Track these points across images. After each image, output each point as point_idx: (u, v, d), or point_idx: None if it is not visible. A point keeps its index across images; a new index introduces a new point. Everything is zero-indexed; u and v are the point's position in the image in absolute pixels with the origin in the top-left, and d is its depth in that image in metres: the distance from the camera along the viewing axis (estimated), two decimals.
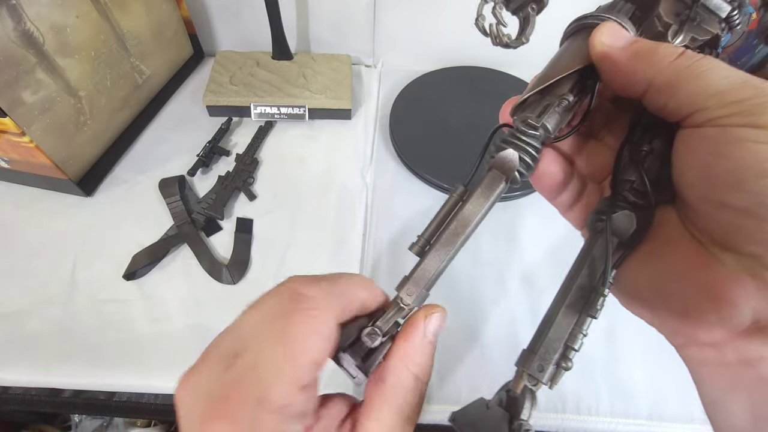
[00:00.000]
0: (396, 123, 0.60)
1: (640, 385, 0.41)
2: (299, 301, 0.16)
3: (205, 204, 0.51)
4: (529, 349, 0.18)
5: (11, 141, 0.43)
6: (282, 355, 0.15)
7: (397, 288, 0.19)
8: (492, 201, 0.19)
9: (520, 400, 0.17)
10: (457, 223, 0.18)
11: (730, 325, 0.15)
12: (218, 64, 0.63)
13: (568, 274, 0.19)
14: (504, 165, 0.18)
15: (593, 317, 0.17)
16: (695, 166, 0.15)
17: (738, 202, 0.14)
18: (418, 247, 0.19)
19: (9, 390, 0.40)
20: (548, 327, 0.18)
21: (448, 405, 0.40)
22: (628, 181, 0.18)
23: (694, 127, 0.15)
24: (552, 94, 0.18)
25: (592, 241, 0.19)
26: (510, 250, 0.50)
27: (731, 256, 0.15)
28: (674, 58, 0.16)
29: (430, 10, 0.65)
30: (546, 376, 0.17)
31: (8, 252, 0.46)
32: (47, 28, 0.42)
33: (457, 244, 0.18)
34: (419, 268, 0.19)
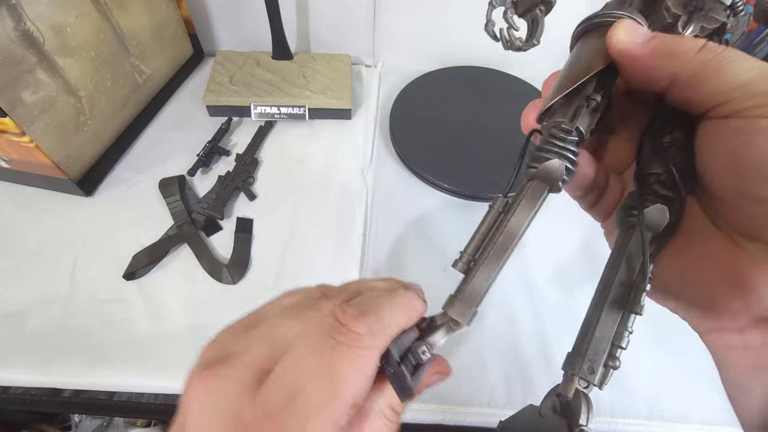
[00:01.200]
0: (396, 123, 0.60)
1: (640, 385, 0.41)
2: (347, 337, 0.16)
3: (205, 204, 0.51)
4: (575, 351, 0.17)
5: (11, 141, 0.43)
6: (328, 394, 0.15)
7: (444, 307, 0.18)
8: (536, 211, 0.18)
9: (574, 405, 0.17)
10: (504, 236, 0.18)
11: (755, 311, 0.15)
12: (218, 64, 0.63)
13: (604, 272, 0.18)
14: (549, 175, 0.18)
15: (637, 313, 0.17)
16: (721, 157, 0.15)
17: (764, 193, 0.14)
18: (462, 263, 0.19)
19: (9, 390, 0.40)
20: (593, 327, 0.17)
21: (447, 405, 0.40)
22: (654, 174, 0.18)
23: (720, 119, 0.15)
24: (579, 97, 0.18)
25: (625, 237, 0.18)
26: (513, 257, 0.49)
27: (757, 246, 0.15)
28: (696, 51, 0.15)
29: (430, 10, 0.65)
30: (597, 377, 0.17)
31: (8, 252, 0.46)
32: (47, 28, 0.42)
33: (504, 259, 0.18)
34: (468, 286, 0.18)
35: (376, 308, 0.17)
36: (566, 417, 0.17)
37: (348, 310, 0.17)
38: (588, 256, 0.49)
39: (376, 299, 0.18)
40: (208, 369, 0.16)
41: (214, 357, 0.16)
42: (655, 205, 0.18)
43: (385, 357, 0.17)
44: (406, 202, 0.54)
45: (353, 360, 0.15)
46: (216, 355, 0.16)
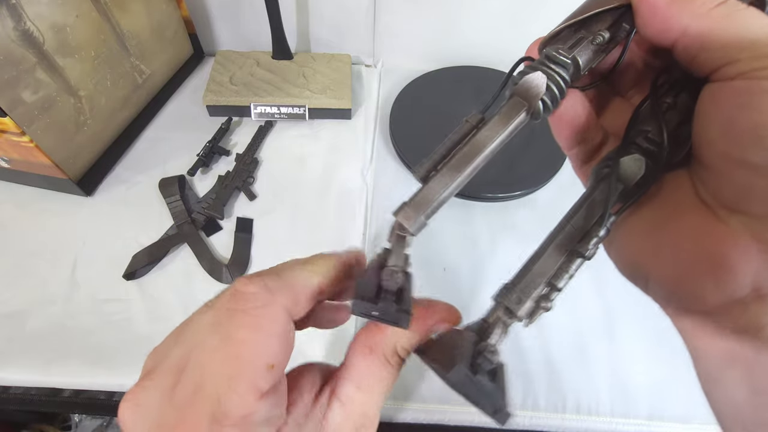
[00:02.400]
0: (396, 123, 0.60)
1: (640, 385, 0.41)
2: (241, 301, 0.15)
3: (205, 204, 0.51)
4: (511, 283, 0.17)
5: (11, 140, 0.43)
6: (230, 365, 0.14)
7: (394, 213, 0.17)
8: (510, 130, 0.17)
9: (490, 328, 0.17)
10: (469, 148, 0.17)
11: (727, 291, 0.14)
12: (218, 64, 0.63)
13: (564, 216, 0.18)
14: (529, 90, 0.17)
15: (583, 257, 0.16)
16: (718, 121, 0.15)
17: (756, 159, 0.13)
18: (423, 170, 0.17)
19: (9, 390, 0.40)
20: (534, 261, 0.17)
21: (448, 405, 0.40)
22: (644, 131, 0.17)
23: (724, 81, 0.14)
24: (587, 29, 0.17)
25: (594, 187, 0.18)
26: (509, 251, 0.50)
27: (739, 218, 0.14)
28: (714, 5, 0.15)
29: (430, 10, 0.65)
30: (522, 309, 0.16)
31: (8, 252, 0.46)
32: (47, 28, 0.42)
33: (466, 171, 0.17)
34: (421, 193, 0.17)
35: (275, 270, 0.17)
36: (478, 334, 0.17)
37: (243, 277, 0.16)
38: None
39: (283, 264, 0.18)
40: (137, 384, 0.16)
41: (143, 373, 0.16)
42: (632, 155, 0.17)
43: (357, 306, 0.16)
44: None
45: (250, 323, 0.15)
46: (144, 371, 0.16)
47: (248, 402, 0.14)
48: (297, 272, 0.17)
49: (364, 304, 0.16)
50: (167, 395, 0.14)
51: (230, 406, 0.14)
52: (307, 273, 0.18)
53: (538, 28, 0.22)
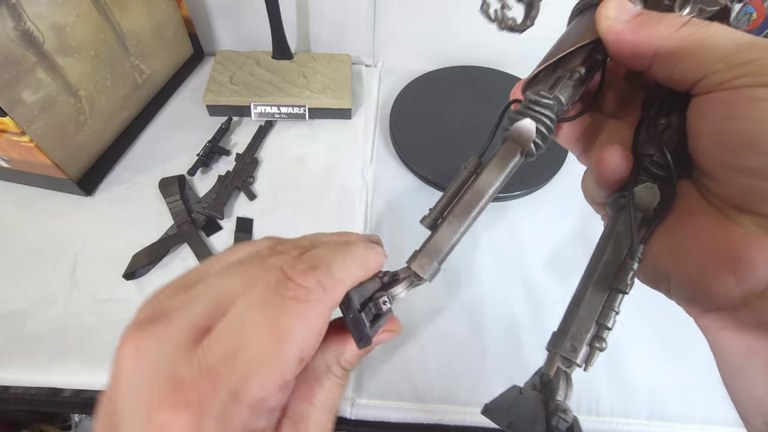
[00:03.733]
0: (396, 122, 0.60)
1: (640, 385, 0.41)
2: (294, 291, 0.15)
3: (205, 203, 0.51)
4: (560, 331, 0.17)
5: (11, 140, 0.43)
6: (273, 349, 0.14)
7: (408, 261, 0.18)
8: (507, 173, 0.18)
9: (554, 383, 0.17)
10: (471, 195, 0.18)
11: (746, 285, 0.15)
12: (218, 64, 0.63)
13: (594, 253, 0.18)
14: (520, 136, 0.18)
15: (624, 292, 0.17)
16: (708, 132, 0.15)
17: (752, 164, 0.14)
18: (429, 219, 0.18)
19: (9, 389, 0.40)
20: (578, 306, 0.17)
21: (448, 405, 0.40)
22: (647, 156, 0.18)
23: (705, 94, 0.15)
24: (563, 68, 0.18)
25: (615, 218, 0.18)
26: (511, 250, 0.50)
27: (749, 218, 0.15)
28: (679, 26, 0.16)
29: (430, 10, 0.65)
30: (580, 356, 0.16)
31: (8, 251, 0.46)
32: (47, 28, 0.42)
33: (470, 217, 0.18)
34: (432, 241, 0.18)
35: (327, 262, 0.17)
36: (544, 393, 0.17)
37: (297, 265, 0.16)
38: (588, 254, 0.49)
39: (328, 253, 0.17)
40: (141, 328, 0.15)
41: (148, 315, 0.15)
42: (645, 184, 0.18)
43: (345, 304, 0.17)
44: (406, 202, 0.54)
45: (300, 313, 0.14)
46: (150, 313, 0.15)
47: (270, 388, 0.14)
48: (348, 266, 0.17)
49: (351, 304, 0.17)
50: (185, 351, 0.14)
51: (255, 387, 0.13)
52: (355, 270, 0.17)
53: (537, 28, 0.22)
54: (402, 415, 0.39)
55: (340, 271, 0.17)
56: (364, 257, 0.18)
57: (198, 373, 0.13)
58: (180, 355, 0.14)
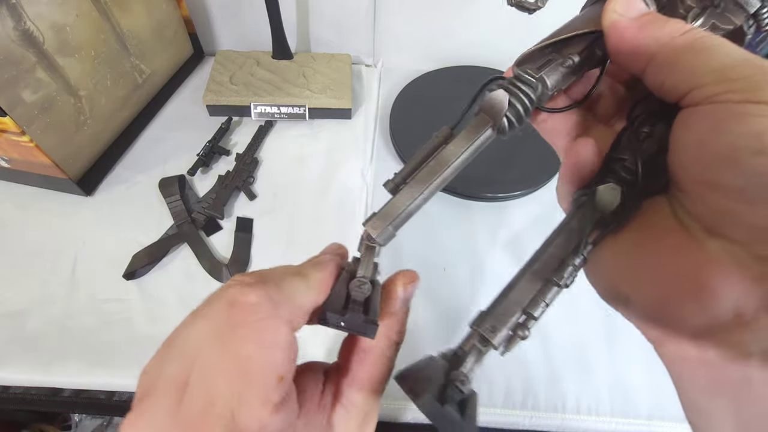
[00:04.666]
0: (396, 122, 0.60)
1: (640, 385, 0.41)
2: (242, 312, 0.15)
3: (205, 203, 0.51)
4: (486, 311, 0.17)
5: (11, 140, 0.43)
6: (240, 382, 0.14)
7: (363, 223, 0.18)
8: (476, 145, 0.17)
9: (463, 356, 0.17)
10: (435, 162, 0.18)
11: (710, 315, 0.14)
12: (218, 64, 0.63)
13: (542, 244, 0.18)
14: (492, 108, 0.17)
15: (559, 285, 0.17)
16: (691, 145, 0.15)
17: (732, 182, 0.13)
18: (392, 184, 0.18)
19: (9, 389, 0.40)
20: (510, 290, 0.17)
21: None
22: (620, 160, 0.18)
23: (693, 106, 0.15)
24: (558, 52, 0.18)
25: (572, 214, 0.18)
26: (508, 251, 0.50)
27: (718, 243, 0.14)
28: (680, 33, 0.15)
29: (430, 10, 0.65)
30: (497, 338, 0.16)
31: (8, 251, 0.46)
32: (47, 28, 0.42)
33: (431, 184, 0.17)
34: (389, 204, 0.18)
35: (275, 278, 0.17)
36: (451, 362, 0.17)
37: (244, 279, 0.16)
38: None
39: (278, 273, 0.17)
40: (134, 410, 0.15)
41: (139, 395, 0.16)
42: (609, 184, 0.17)
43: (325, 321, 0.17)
44: None
45: (255, 337, 0.14)
46: (140, 392, 0.16)
47: (263, 416, 0.14)
48: (296, 285, 0.17)
49: (333, 316, 0.17)
50: (172, 414, 0.14)
51: (245, 421, 0.13)
52: (305, 288, 0.17)
53: (537, 28, 0.22)
54: (403, 414, 0.39)
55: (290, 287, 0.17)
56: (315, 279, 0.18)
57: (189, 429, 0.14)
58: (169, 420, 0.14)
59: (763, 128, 0.13)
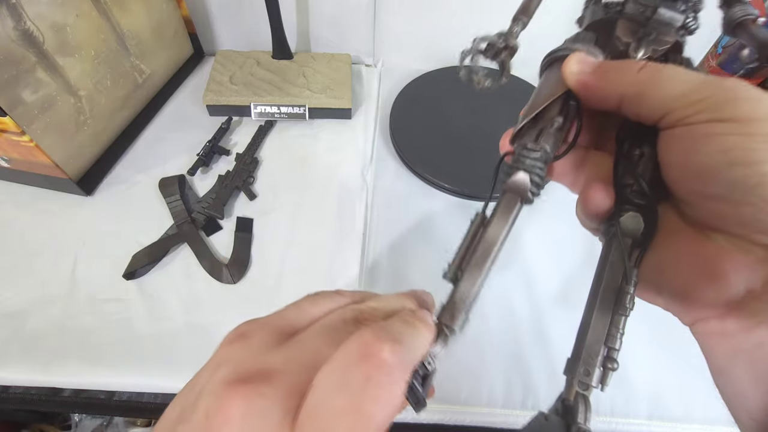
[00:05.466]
0: (396, 122, 0.60)
1: (640, 385, 0.41)
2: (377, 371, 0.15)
3: (205, 203, 0.51)
4: (573, 357, 0.19)
5: (11, 140, 0.43)
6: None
7: (438, 316, 0.19)
8: (511, 221, 0.20)
9: (574, 407, 0.18)
10: (483, 246, 0.20)
11: (726, 297, 0.16)
12: (218, 64, 0.63)
13: (593, 279, 0.20)
14: (518, 187, 0.20)
15: (625, 315, 0.18)
16: (675, 164, 0.17)
17: (714, 191, 0.16)
18: (451, 273, 0.20)
19: (9, 389, 0.40)
20: (585, 332, 0.19)
21: (447, 405, 0.40)
22: (628, 185, 0.20)
23: (669, 129, 0.17)
24: (543, 120, 0.20)
25: (608, 246, 0.20)
26: (510, 252, 0.50)
27: (723, 237, 0.17)
28: (637, 71, 0.17)
29: (430, 10, 0.65)
30: (594, 379, 0.18)
31: (8, 251, 0.46)
32: (47, 27, 0.42)
33: (486, 266, 0.19)
34: (457, 293, 0.19)
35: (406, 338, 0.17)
36: (566, 418, 0.18)
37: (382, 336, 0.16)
38: (586, 255, 0.49)
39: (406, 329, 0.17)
40: (249, 383, 0.14)
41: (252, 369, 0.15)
42: (628, 214, 0.19)
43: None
44: (406, 201, 0.54)
45: (382, 397, 0.15)
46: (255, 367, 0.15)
47: None
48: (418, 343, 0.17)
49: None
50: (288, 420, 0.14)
51: None
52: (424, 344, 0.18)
53: (537, 28, 0.23)
54: (402, 414, 0.39)
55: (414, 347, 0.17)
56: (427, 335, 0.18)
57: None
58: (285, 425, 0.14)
59: (730, 145, 0.15)
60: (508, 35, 0.23)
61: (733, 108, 0.15)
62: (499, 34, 0.24)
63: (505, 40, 0.23)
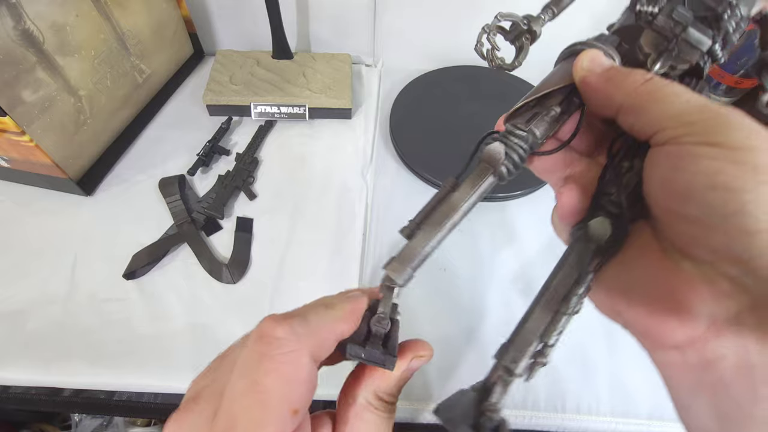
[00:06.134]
0: (396, 122, 0.60)
1: (640, 385, 0.41)
2: (268, 346, 0.16)
3: (205, 203, 0.51)
4: (507, 342, 0.19)
5: (11, 140, 0.43)
6: (259, 410, 0.15)
7: (384, 266, 0.19)
8: (480, 191, 0.20)
9: (492, 387, 0.18)
10: (445, 207, 0.19)
11: (689, 326, 0.16)
12: (218, 63, 0.63)
13: (548, 277, 0.20)
14: (491, 158, 0.20)
15: (568, 314, 0.18)
16: (658, 180, 0.17)
17: (691, 212, 0.15)
18: (408, 230, 0.20)
19: (9, 389, 0.40)
20: (526, 321, 0.19)
21: None
22: (608, 194, 0.20)
23: (659, 146, 0.17)
24: (541, 105, 0.20)
25: (571, 247, 0.20)
26: (508, 250, 0.50)
27: (690, 263, 0.16)
28: (641, 83, 0.17)
29: (430, 10, 0.65)
30: (519, 367, 0.18)
31: (8, 251, 0.46)
32: (47, 27, 0.42)
33: (443, 227, 0.19)
34: (407, 248, 0.19)
35: (301, 313, 0.18)
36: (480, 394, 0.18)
37: (273, 316, 0.17)
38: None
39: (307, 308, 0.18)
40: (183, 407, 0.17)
41: (189, 396, 0.17)
42: (598, 218, 0.20)
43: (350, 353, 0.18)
44: (406, 202, 0.54)
45: (276, 370, 0.16)
46: (191, 394, 0.17)
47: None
48: (323, 317, 0.18)
49: (355, 348, 0.18)
50: (208, 424, 0.16)
51: None
52: (332, 319, 0.18)
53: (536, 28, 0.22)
54: (402, 414, 0.39)
55: (316, 320, 0.18)
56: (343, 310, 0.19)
57: None
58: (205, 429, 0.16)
59: (715, 169, 0.15)
60: (534, 19, 0.23)
61: (725, 134, 0.15)
62: (526, 16, 0.23)
63: (530, 24, 0.23)
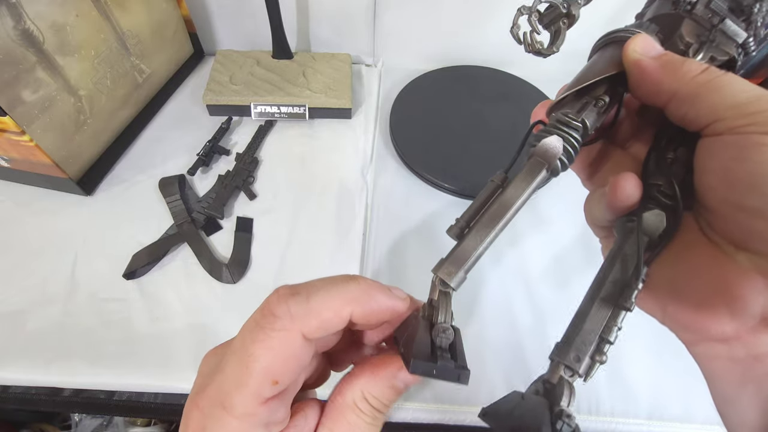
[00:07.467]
0: (396, 122, 0.60)
1: (640, 385, 0.41)
2: (264, 319, 0.17)
3: (205, 203, 0.51)
4: (564, 341, 0.18)
5: (11, 140, 0.43)
6: (243, 372, 0.16)
7: (434, 270, 0.18)
8: (533, 187, 0.19)
9: (558, 390, 0.17)
10: (498, 206, 0.18)
11: (740, 319, 0.16)
12: (218, 63, 0.63)
13: (600, 270, 0.19)
14: (546, 152, 0.19)
15: (628, 309, 0.18)
16: (716, 170, 0.17)
17: (754, 203, 0.15)
18: (457, 229, 0.19)
19: (9, 389, 0.40)
20: (583, 319, 0.18)
21: (447, 405, 0.40)
22: (656, 185, 0.19)
23: (715, 136, 0.17)
24: (589, 95, 0.20)
25: (623, 240, 0.19)
26: (510, 249, 0.50)
27: (745, 256, 0.16)
28: (698, 72, 0.17)
29: (430, 10, 0.65)
30: (582, 367, 0.17)
31: (8, 251, 0.46)
32: (47, 27, 0.42)
33: (496, 227, 0.18)
34: (458, 249, 0.18)
35: (308, 290, 0.17)
36: (548, 399, 0.17)
37: (279, 290, 0.17)
38: (587, 257, 0.49)
39: (319, 284, 0.18)
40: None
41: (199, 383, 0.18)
42: (653, 210, 0.19)
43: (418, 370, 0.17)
44: (406, 201, 0.54)
45: (264, 341, 0.16)
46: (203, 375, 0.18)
47: (251, 404, 0.16)
48: (329, 297, 0.17)
49: (422, 364, 0.17)
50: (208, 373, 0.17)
51: (235, 403, 0.16)
52: (341, 300, 0.17)
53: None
54: (403, 414, 0.39)
55: (318, 303, 0.17)
56: (359, 293, 0.17)
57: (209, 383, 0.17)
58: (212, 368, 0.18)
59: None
60: (572, 2, 0.22)
61: None
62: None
63: (569, 6, 0.22)
